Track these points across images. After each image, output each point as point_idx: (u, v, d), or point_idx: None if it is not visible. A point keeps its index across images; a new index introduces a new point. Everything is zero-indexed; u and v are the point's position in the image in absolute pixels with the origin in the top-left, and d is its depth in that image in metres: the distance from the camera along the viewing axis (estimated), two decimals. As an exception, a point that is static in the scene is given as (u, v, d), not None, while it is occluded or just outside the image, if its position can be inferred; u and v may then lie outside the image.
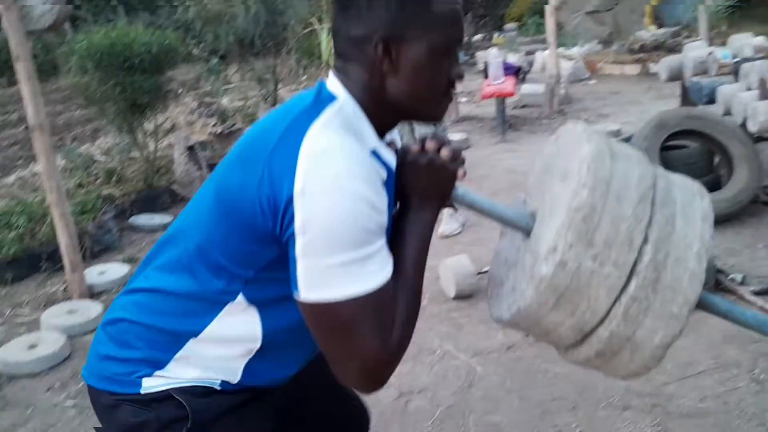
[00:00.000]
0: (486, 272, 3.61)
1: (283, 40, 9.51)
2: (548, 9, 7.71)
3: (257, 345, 1.16)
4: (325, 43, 10.29)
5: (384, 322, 1.05)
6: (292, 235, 1.00)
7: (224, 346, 1.17)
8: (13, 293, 3.99)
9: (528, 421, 2.45)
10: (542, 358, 2.84)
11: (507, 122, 7.22)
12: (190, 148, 5.63)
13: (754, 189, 4.05)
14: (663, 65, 5.66)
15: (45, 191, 4.39)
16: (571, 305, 1.12)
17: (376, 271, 1.03)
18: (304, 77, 10.69)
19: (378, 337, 1.03)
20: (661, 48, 9.97)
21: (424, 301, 3.41)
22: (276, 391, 1.27)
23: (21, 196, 5.30)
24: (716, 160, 4.39)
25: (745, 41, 5.27)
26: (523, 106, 8.40)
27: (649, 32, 11.29)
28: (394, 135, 1.25)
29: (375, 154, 1.11)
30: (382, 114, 1.14)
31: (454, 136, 6.61)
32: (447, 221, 4.45)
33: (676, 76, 5.55)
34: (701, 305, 1.22)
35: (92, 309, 3.59)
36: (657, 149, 4.13)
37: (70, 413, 2.79)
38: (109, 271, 4.09)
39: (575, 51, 10.95)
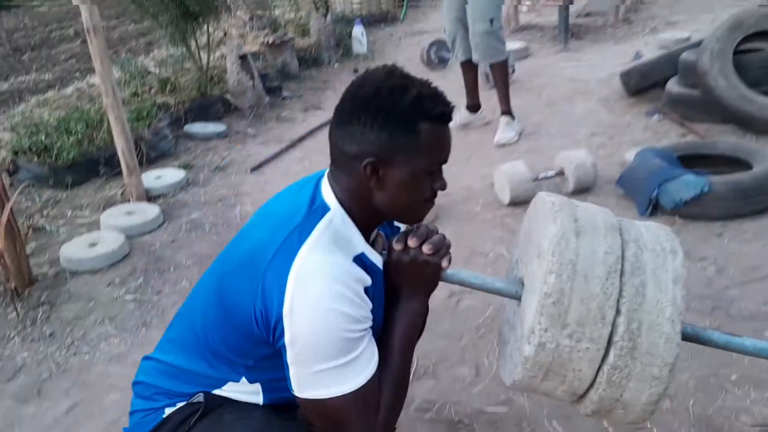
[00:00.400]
0: (545, 178, 3.51)
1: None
2: None
3: (260, 401, 1.33)
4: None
5: (369, 413, 1.20)
6: (284, 346, 1.15)
7: (234, 395, 1.33)
8: (74, 196, 4.10)
9: (581, 321, 2.41)
10: (598, 261, 2.77)
11: (570, 31, 6.88)
12: (242, 58, 5.57)
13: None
14: (742, -36, 5.23)
15: (102, 96, 4.44)
16: (559, 376, 1.21)
17: (359, 371, 1.17)
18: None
19: (364, 424, 1.20)
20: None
21: (477, 207, 3.38)
22: None
23: (79, 106, 5.39)
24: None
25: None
26: (587, 15, 7.96)
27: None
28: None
29: (362, 258, 1.24)
30: (368, 218, 1.27)
31: (513, 45, 6.34)
32: (503, 129, 4.33)
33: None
34: (699, 341, 1.32)
35: (149, 211, 3.66)
36: (730, 52, 3.86)
37: (130, 306, 2.88)
38: (166, 175, 4.15)
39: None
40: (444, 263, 1.31)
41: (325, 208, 1.24)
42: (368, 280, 1.22)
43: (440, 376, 2.22)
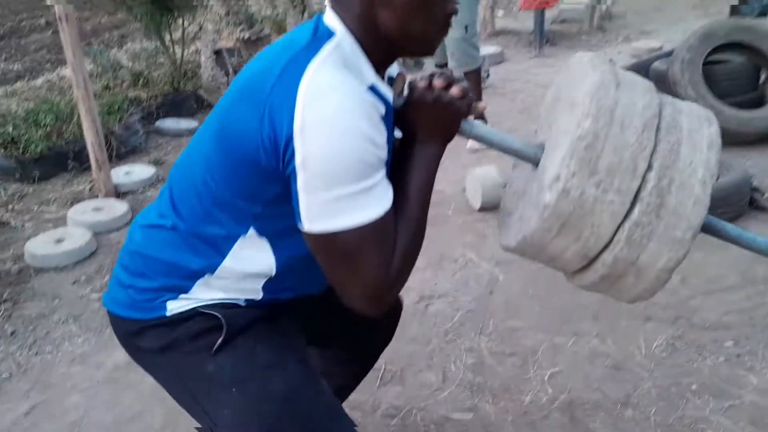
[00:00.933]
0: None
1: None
2: None
3: (272, 274, 1.20)
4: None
5: (385, 251, 1.08)
6: (294, 171, 1.01)
7: (240, 279, 1.20)
8: (41, 190, 4.03)
9: (547, 327, 2.44)
10: (566, 268, 2.80)
11: (545, 37, 6.94)
12: (217, 53, 5.54)
13: (801, 107, 3.87)
14: (713, -24, 5.33)
15: (72, 87, 4.36)
16: (575, 231, 1.13)
17: (375, 202, 1.05)
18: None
19: (379, 264, 1.07)
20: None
21: (448, 212, 3.38)
22: (302, 300, 1.31)
23: (49, 98, 5.29)
24: (763, 77, 4.18)
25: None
26: (563, 21, 8.05)
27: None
28: (393, 70, 1.25)
29: (373, 89, 1.10)
30: (377, 49, 1.12)
31: (488, 49, 6.38)
32: None
33: (726, -12, 5.24)
34: (710, 230, 1.26)
35: (118, 208, 3.61)
36: (700, 62, 3.92)
37: (95, 305, 2.84)
38: (135, 171, 4.10)
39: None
40: (470, 105, 1.20)
41: (330, 33, 1.09)
42: (383, 109, 1.09)
43: (407, 382, 2.22)
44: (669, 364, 2.21)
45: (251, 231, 1.16)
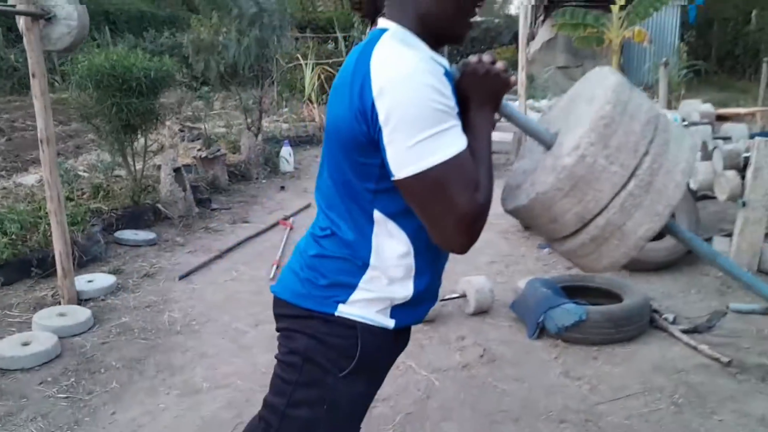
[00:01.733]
0: (449, 299, 3.97)
1: (268, 73, 9.90)
2: (520, 63, 8.23)
3: (412, 253, 1.41)
4: (309, 78, 10.71)
5: (469, 182, 1.26)
6: (380, 130, 1.24)
7: (391, 269, 1.41)
8: (4, 295, 4.22)
9: (478, 430, 2.78)
10: (493, 376, 3.19)
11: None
12: (176, 170, 5.93)
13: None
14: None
15: (45, 200, 4.66)
16: (580, 194, 1.40)
17: (452, 143, 1.24)
18: (286, 109, 11.09)
19: (466, 193, 1.26)
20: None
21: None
22: (401, 343, 1.58)
23: (4, 205, 5.52)
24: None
25: (693, 106, 5.80)
26: (492, 153, 8.85)
27: (614, 90, 11.97)
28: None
29: (433, 59, 1.33)
30: (426, 34, 1.39)
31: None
32: None
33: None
34: (670, 231, 1.57)
35: (80, 313, 3.84)
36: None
37: (62, 404, 3.04)
38: (97, 280, 4.35)
39: (543, 103, 11.54)
40: (512, 79, 1.45)
41: (384, 30, 1.35)
42: (446, 64, 1.35)
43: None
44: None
45: (377, 214, 1.37)
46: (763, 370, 3.18)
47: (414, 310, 1.48)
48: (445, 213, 1.27)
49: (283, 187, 7.35)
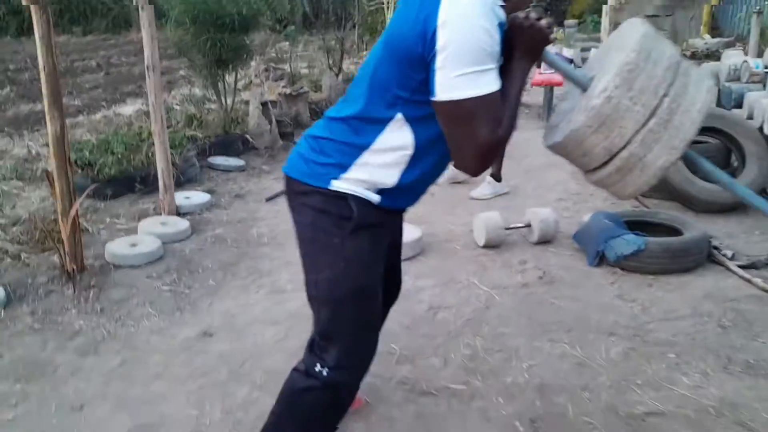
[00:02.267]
0: (514, 228, 4.21)
1: (349, 15, 10.11)
2: (605, 8, 8.16)
3: (410, 151, 1.68)
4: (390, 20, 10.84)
5: (493, 119, 1.54)
6: (435, 54, 1.49)
7: (388, 154, 1.68)
8: (111, 207, 4.74)
9: (529, 335, 3.06)
10: (550, 294, 3.45)
11: (553, 110, 7.73)
12: (264, 104, 6.32)
13: (761, 184, 4.54)
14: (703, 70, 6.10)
15: (144, 127, 5.14)
16: (607, 130, 1.65)
17: (489, 83, 1.51)
18: (365, 52, 11.31)
19: (489, 127, 1.53)
20: (712, 56, 10.25)
21: (457, 246, 4.04)
22: (393, 221, 1.90)
23: (106, 132, 6.07)
24: (733, 157, 4.88)
25: (777, 54, 5.70)
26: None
27: (703, 40, 11.56)
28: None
29: (492, 8, 1.55)
30: None
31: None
32: (483, 187, 5.06)
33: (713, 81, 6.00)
34: (690, 162, 1.80)
35: (180, 224, 4.30)
36: (678, 141, 4.62)
37: (166, 295, 3.50)
38: (194, 196, 4.81)
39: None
40: (551, 34, 1.67)
41: None
42: (502, 17, 1.57)
43: (417, 363, 2.84)
44: (622, 366, 2.82)
45: (399, 115, 1.63)
46: (815, 304, 3.30)
47: (395, 198, 1.76)
48: (468, 138, 1.55)
49: (361, 126, 7.68)
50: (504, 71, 1.61)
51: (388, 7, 10.79)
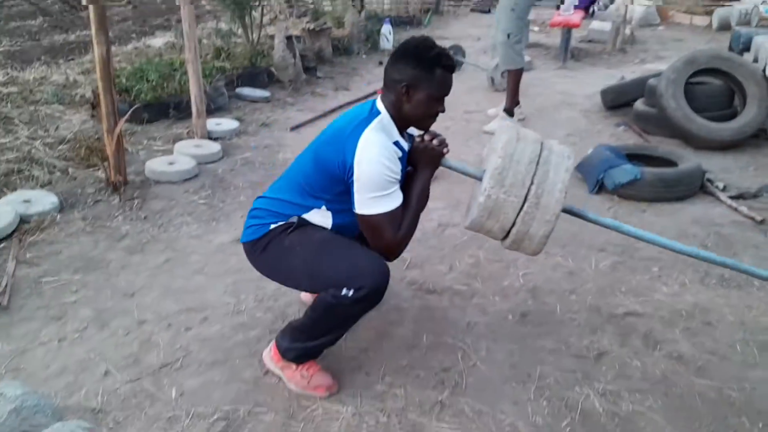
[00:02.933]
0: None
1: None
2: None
3: (329, 226, 2.27)
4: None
5: (395, 227, 2.15)
6: (352, 182, 2.10)
7: (313, 221, 2.27)
8: (148, 130, 5.10)
9: (528, 248, 3.40)
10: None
11: (569, 52, 7.89)
12: (288, 39, 6.57)
13: (759, 123, 4.78)
14: (715, 15, 6.28)
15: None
16: (495, 217, 2.17)
17: (392, 202, 2.12)
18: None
19: (392, 233, 2.15)
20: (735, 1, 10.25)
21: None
22: None
23: (138, 61, 6.36)
24: (736, 98, 5.09)
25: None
26: (590, 41, 9.00)
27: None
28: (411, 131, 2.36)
29: (397, 143, 2.19)
30: (401, 123, 2.23)
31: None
32: (496, 121, 5.37)
33: (725, 25, 6.16)
34: (575, 214, 2.36)
35: (213, 146, 4.65)
36: (683, 81, 4.86)
37: (202, 207, 3.88)
38: (224, 123, 5.15)
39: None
40: (444, 151, 2.28)
41: (378, 112, 2.20)
42: (400, 153, 2.21)
43: (425, 269, 3.21)
44: (609, 276, 3.16)
45: (323, 207, 2.23)
46: (793, 230, 3.60)
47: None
48: (378, 239, 2.17)
49: (381, 62, 7.88)
50: (409, 181, 2.24)
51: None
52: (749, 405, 2.30)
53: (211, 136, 4.92)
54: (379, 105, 2.22)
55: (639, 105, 5.32)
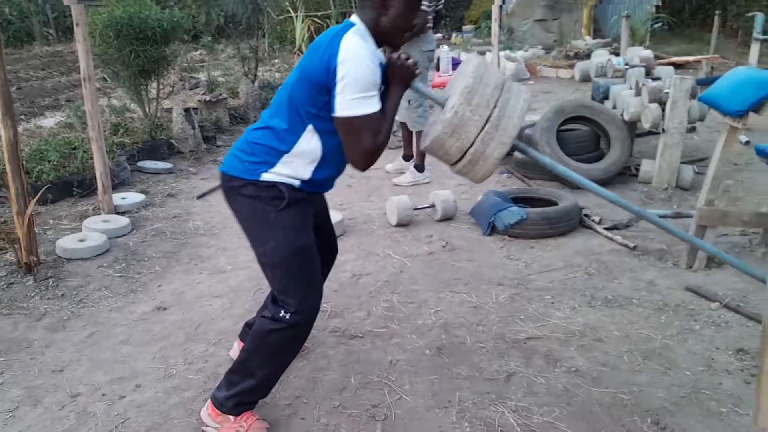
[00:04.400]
0: (421, 208, 4.89)
1: (260, 25, 10.58)
2: (494, 15, 9.01)
3: (319, 156, 2.27)
4: (299, 30, 11.39)
5: (374, 131, 2.16)
6: (336, 83, 2.10)
7: (303, 156, 2.26)
8: (53, 210, 5.09)
9: (435, 290, 3.72)
10: (452, 259, 4.13)
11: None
12: (186, 111, 6.75)
13: (624, 162, 5.42)
14: (576, 68, 7.03)
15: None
16: (457, 135, 2.31)
17: (372, 105, 2.13)
18: (277, 60, 11.81)
19: (371, 137, 2.15)
20: (591, 56, 11.40)
21: (374, 226, 4.70)
22: (315, 198, 2.48)
23: (28, 143, 6.32)
24: (602, 141, 5.74)
25: (636, 53, 6.66)
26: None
27: (584, 41, 12.74)
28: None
29: (374, 52, 2.21)
30: (377, 36, 2.27)
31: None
32: (406, 175, 5.78)
33: (586, 77, 6.91)
34: (520, 150, 2.58)
35: (121, 220, 4.72)
36: (555, 129, 5.45)
37: (119, 280, 3.95)
38: (129, 197, 5.22)
39: (519, 54, 12.32)
40: (417, 71, 2.32)
41: (354, 24, 2.22)
42: (382, 59, 2.28)
43: (345, 316, 3.44)
44: (508, 307, 3.52)
45: (310, 127, 2.21)
46: (660, 253, 4.12)
47: (312, 186, 2.35)
48: (356, 144, 2.16)
49: (278, 128, 8.20)
50: (383, 96, 2.26)
51: (296, 17, 11.34)
52: (638, 405, 2.65)
53: (118, 211, 4.98)
54: (354, 19, 2.28)
55: (518, 154, 5.87)
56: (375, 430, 2.54)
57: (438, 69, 8.62)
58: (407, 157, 6.09)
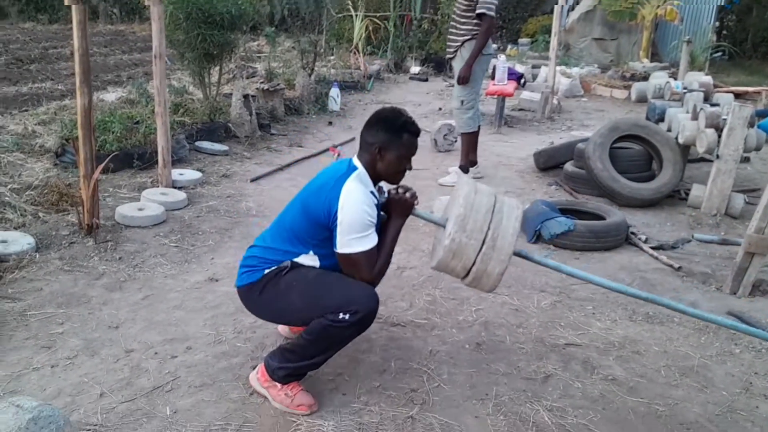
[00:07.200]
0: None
1: (319, 21, 10.79)
2: (554, 29, 9.03)
3: (318, 265, 2.59)
4: (357, 29, 11.56)
5: (371, 265, 2.49)
6: (336, 225, 2.43)
7: (303, 263, 2.60)
8: (113, 179, 5.29)
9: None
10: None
11: (503, 118, 8.55)
12: (245, 97, 6.93)
13: (674, 185, 5.41)
14: (633, 88, 7.02)
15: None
16: (458, 258, 2.50)
17: (369, 243, 2.46)
18: (332, 56, 11.99)
19: (369, 270, 2.49)
20: (648, 78, 11.31)
21: (420, 224, 4.76)
22: None
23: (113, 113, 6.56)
24: (654, 162, 5.73)
25: (694, 77, 6.62)
26: (521, 109, 9.74)
27: (642, 63, 12.63)
28: (381, 185, 2.74)
29: (372, 193, 2.54)
30: (375, 178, 2.60)
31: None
32: (452, 175, 5.86)
33: (642, 98, 6.89)
34: (523, 257, 2.73)
35: (178, 195, 4.90)
36: (608, 146, 5.46)
37: (174, 250, 4.10)
38: (187, 173, 5.41)
39: (575, 71, 12.28)
40: (415, 202, 2.66)
41: (356, 168, 2.56)
42: (376, 201, 2.55)
43: (388, 305, 3.54)
44: (549, 312, 3.57)
45: (311, 252, 2.57)
46: (705, 276, 4.12)
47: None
48: (356, 274, 2.50)
49: (330, 123, 8.34)
50: (383, 228, 2.60)
51: (356, 16, 11.51)
52: (673, 417, 2.69)
53: (175, 185, 5.16)
54: (356, 162, 2.59)
55: (569, 166, 5.90)
56: (412, 411, 2.63)
57: (493, 78, 8.65)
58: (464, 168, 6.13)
